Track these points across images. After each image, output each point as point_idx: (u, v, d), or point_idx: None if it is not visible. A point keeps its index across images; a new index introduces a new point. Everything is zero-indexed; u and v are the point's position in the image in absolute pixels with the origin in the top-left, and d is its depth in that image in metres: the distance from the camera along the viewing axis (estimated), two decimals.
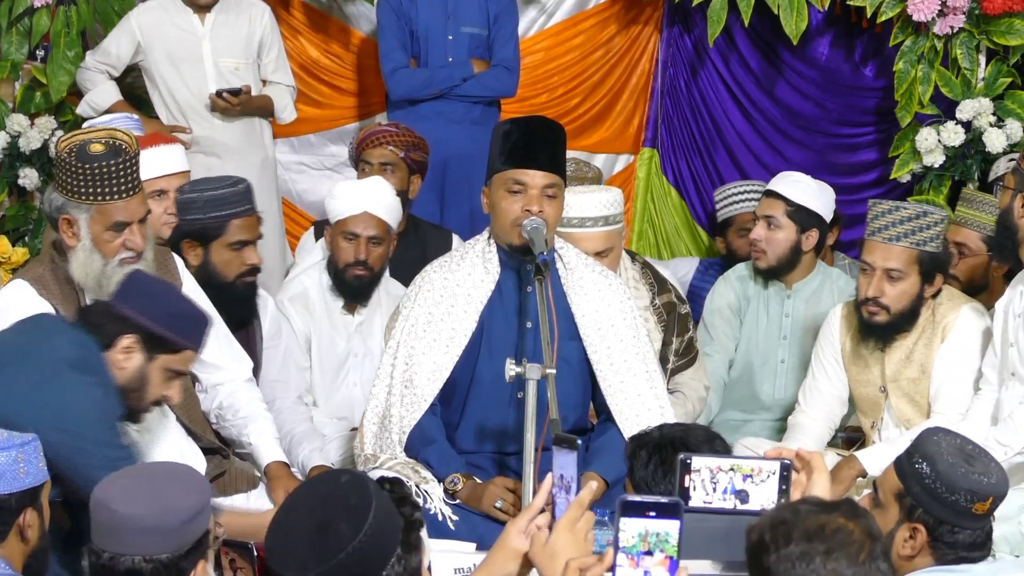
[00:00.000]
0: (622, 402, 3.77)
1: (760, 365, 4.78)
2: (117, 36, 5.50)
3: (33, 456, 2.70)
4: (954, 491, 2.70)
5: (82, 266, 3.51)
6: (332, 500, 2.16)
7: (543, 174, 3.64)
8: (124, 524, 2.41)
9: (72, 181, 3.46)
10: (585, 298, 3.79)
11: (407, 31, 5.53)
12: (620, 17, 6.39)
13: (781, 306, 4.76)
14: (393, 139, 5.07)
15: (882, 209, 4.14)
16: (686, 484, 2.05)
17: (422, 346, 3.76)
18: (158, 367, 3.28)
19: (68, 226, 3.50)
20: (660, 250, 6.49)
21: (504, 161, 3.67)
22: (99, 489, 2.48)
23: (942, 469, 2.72)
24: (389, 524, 2.15)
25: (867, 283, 4.14)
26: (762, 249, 4.70)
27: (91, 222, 3.49)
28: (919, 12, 5.44)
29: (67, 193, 3.47)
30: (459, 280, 3.78)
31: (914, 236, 4.08)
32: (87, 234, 3.49)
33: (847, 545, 1.98)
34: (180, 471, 2.59)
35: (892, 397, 4.25)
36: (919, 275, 4.11)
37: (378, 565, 2.12)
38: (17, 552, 2.70)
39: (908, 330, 4.19)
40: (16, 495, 2.66)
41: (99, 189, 3.46)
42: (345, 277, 4.47)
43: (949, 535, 2.74)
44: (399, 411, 3.74)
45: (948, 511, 2.71)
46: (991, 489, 2.73)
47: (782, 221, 4.67)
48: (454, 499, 3.69)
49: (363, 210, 4.43)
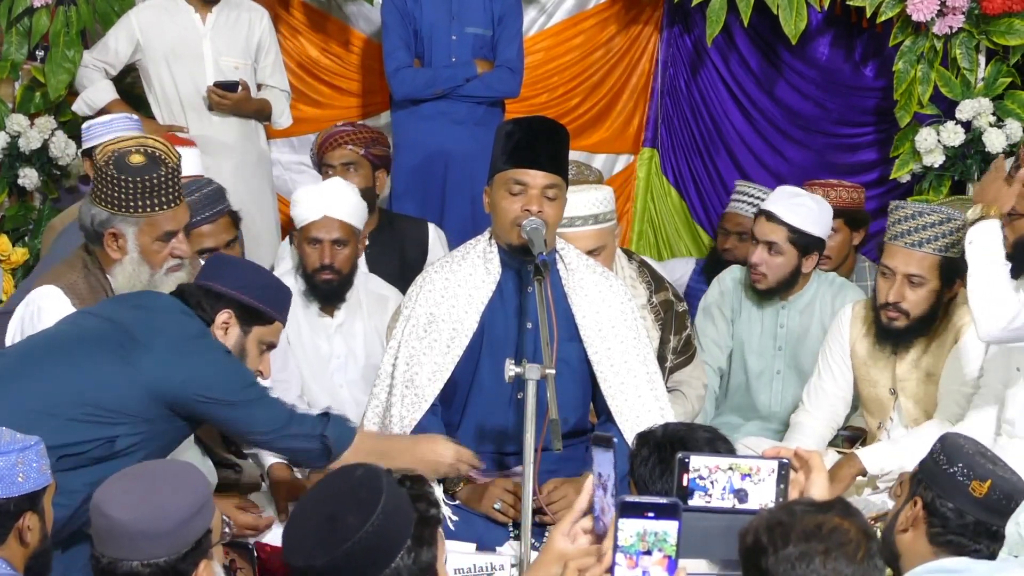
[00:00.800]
0: (622, 403, 3.77)
1: (756, 376, 4.75)
2: (116, 34, 5.50)
3: (34, 460, 2.69)
4: (953, 463, 2.74)
5: (129, 278, 3.49)
6: (343, 493, 2.20)
7: (544, 174, 3.64)
8: (120, 529, 2.42)
9: (118, 195, 3.43)
10: (586, 299, 3.79)
11: (411, 31, 5.53)
12: (620, 17, 6.39)
13: (776, 317, 4.72)
14: (351, 138, 5.08)
15: (905, 214, 4.09)
16: (684, 483, 2.05)
17: (423, 346, 3.76)
18: (254, 340, 3.34)
19: (113, 240, 3.48)
20: (660, 250, 6.49)
21: (506, 161, 3.67)
22: (97, 494, 2.49)
23: (950, 442, 2.79)
24: (399, 518, 2.17)
25: (887, 288, 4.10)
26: (762, 272, 4.60)
27: (139, 234, 3.47)
28: (919, 12, 5.44)
29: (113, 207, 3.44)
30: (460, 280, 3.78)
31: (937, 242, 4.04)
32: (135, 246, 3.47)
33: (845, 544, 1.99)
34: (177, 471, 2.60)
35: (902, 398, 4.23)
36: (939, 280, 4.08)
37: (385, 557, 2.15)
38: (18, 554, 2.70)
39: (925, 334, 4.17)
40: (15, 499, 2.65)
41: (148, 201, 3.44)
42: (315, 282, 4.44)
43: (941, 510, 2.78)
44: (400, 411, 3.75)
45: (946, 482, 2.75)
46: (992, 475, 2.74)
47: (784, 248, 4.56)
48: (454, 499, 3.69)
49: (323, 214, 4.40)
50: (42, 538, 2.74)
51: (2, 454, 2.64)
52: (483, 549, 3.60)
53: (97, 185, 3.48)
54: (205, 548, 2.50)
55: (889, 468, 4.07)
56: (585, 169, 5.42)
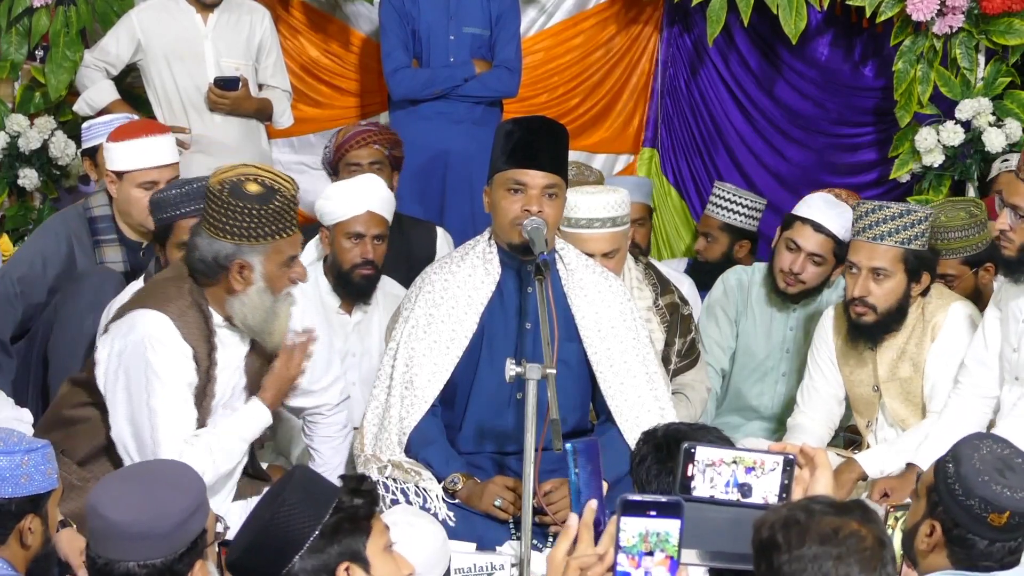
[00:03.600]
0: (622, 403, 3.77)
1: (760, 377, 4.74)
2: (117, 34, 5.49)
3: (41, 463, 2.68)
4: (970, 496, 2.69)
5: (253, 308, 3.46)
6: (268, 493, 2.52)
7: (544, 174, 3.64)
8: (116, 530, 2.42)
9: (246, 224, 3.40)
10: (585, 299, 3.79)
11: (409, 31, 5.53)
12: (620, 17, 6.39)
13: (786, 320, 4.71)
14: (377, 138, 5.06)
15: (866, 209, 4.13)
16: (689, 472, 2.04)
17: (422, 347, 3.76)
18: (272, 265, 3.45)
19: (239, 271, 3.43)
20: (660, 250, 6.49)
21: (505, 161, 3.66)
22: (92, 494, 2.49)
23: (964, 472, 2.71)
24: (302, 509, 2.40)
25: (853, 283, 4.14)
26: (802, 280, 4.56)
27: (266, 262, 3.43)
28: (918, 12, 5.44)
29: (240, 238, 3.40)
30: (459, 282, 3.77)
31: (898, 235, 4.07)
32: (260, 275, 3.44)
33: (860, 551, 1.98)
34: (174, 472, 2.60)
35: (885, 397, 4.25)
36: (905, 273, 4.11)
37: (294, 542, 2.38)
38: (19, 556, 2.69)
39: (897, 329, 4.19)
40: (16, 500, 2.65)
41: (275, 227, 3.41)
42: (352, 278, 4.40)
43: (963, 539, 2.73)
44: (399, 412, 3.74)
45: (963, 514, 2.70)
46: (1010, 503, 2.69)
47: (827, 258, 4.55)
48: (454, 499, 3.69)
49: (366, 209, 4.37)
50: (44, 542, 2.73)
51: (7, 454, 2.64)
52: (483, 549, 3.59)
53: (220, 219, 3.41)
54: (201, 548, 2.51)
55: (889, 470, 4.08)
56: (585, 169, 5.42)
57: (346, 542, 2.41)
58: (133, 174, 4.44)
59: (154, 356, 3.38)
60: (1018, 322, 3.95)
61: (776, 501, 2.05)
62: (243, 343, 3.58)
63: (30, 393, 4.37)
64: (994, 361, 4.04)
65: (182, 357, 3.42)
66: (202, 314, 3.47)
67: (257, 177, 3.45)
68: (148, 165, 4.42)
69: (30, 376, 4.38)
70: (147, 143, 4.45)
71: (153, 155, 4.44)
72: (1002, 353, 4.02)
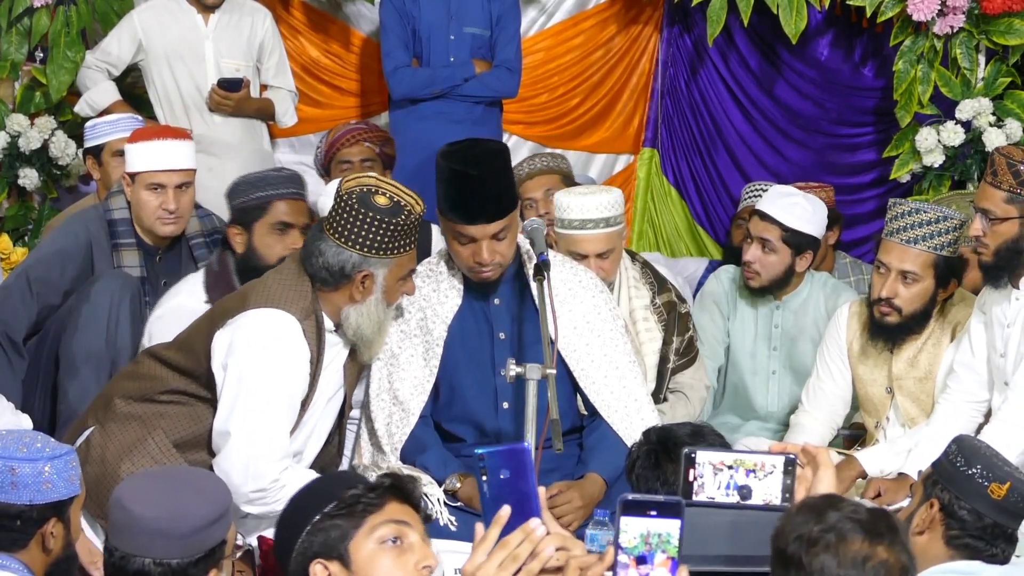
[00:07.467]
0: (608, 396, 3.76)
1: (751, 376, 4.74)
2: (118, 34, 5.50)
3: (64, 470, 2.68)
4: (971, 464, 2.71)
5: (368, 318, 3.51)
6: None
7: (490, 225, 3.58)
8: (137, 524, 2.43)
9: (374, 237, 3.44)
10: (556, 298, 3.76)
11: (409, 30, 5.53)
12: (620, 17, 6.39)
13: (770, 317, 4.71)
14: (367, 136, 5.07)
15: (902, 210, 4.10)
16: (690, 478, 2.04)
17: (401, 362, 3.76)
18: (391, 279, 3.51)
19: (362, 281, 3.48)
20: (660, 250, 6.48)
21: (449, 209, 3.61)
22: (120, 488, 2.50)
23: (966, 444, 2.77)
24: (312, 496, 2.41)
25: (881, 283, 4.11)
26: (756, 271, 4.59)
27: (388, 275, 3.49)
28: (919, 12, 5.44)
29: (369, 250, 3.45)
30: (426, 295, 3.77)
31: (932, 240, 4.05)
32: (380, 286, 3.49)
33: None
34: (203, 479, 2.62)
35: (898, 397, 4.24)
36: (934, 279, 4.09)
37: (299, 523, 2.37)
38: (38, 560, 2.69)
39: (919, 332, 4.18)
40: (38, 507, 2.65)
41: (402, 242, 3.47)
42: None
43: (959, 514, 2.75)
44: (389, 427, 3.74)
45: (964, 484, 2.73)
46: (1011, 477, 2.72)
47: (777, 246, 4.55)
48: (455, 499, 3.68)
49: None
50: (65, 546, 2.73)
51: (30, 461, 2.63)
52: None
53: (349, 228, 3.44)
54: (218, 558, 2.51)
55: (889, 469, 4.08)
56: (560, 160, 5.38)
57: (345, 525, 2.33)
58: (144, 175, 4.43)
59: (279, 358, 3.43)
60: (1003, 327, 3.94)
61: (779, 503, 2.05)
62: (344, 348, 3.62)
63: (38, 392, 4.36)
64: (982, 366, 4.03)
65: (304, 361, 3.47)
66: (317, 318, 3.52)
67: (384, 190, 3.50)
68: (160, 167, 4.40)
69: (39, 375, 4.37)
70: (161, 145, 4.44)
71: (166, 158, 4.42)
72: (989, 359, 4.01)
